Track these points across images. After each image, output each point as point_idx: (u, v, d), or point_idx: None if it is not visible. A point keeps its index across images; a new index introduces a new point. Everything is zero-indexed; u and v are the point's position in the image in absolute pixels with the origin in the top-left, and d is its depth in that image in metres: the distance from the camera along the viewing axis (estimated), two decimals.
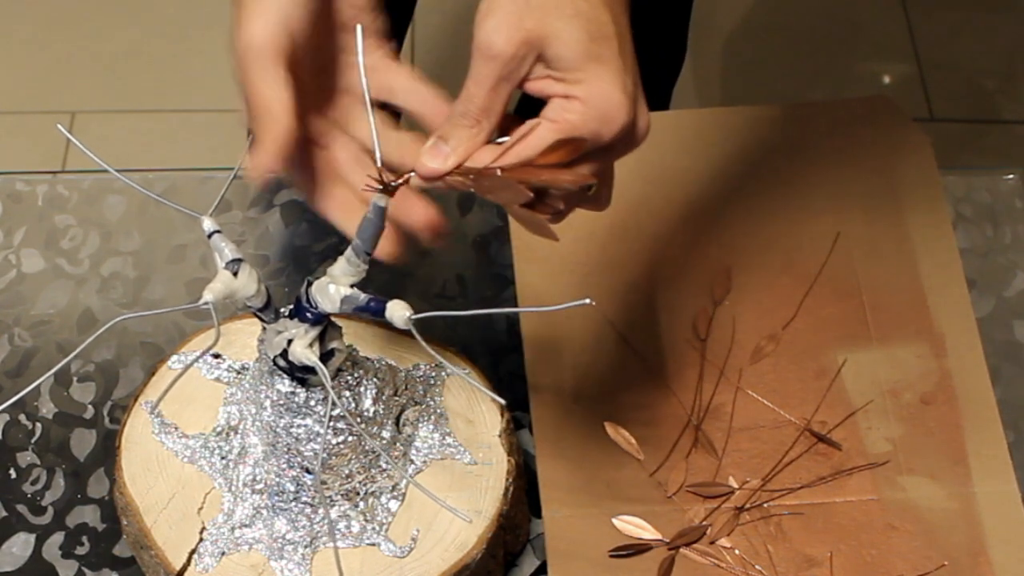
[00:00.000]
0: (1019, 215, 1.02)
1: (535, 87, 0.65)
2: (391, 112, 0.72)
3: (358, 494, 0.79)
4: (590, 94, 0.64)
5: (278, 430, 0.76)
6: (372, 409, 0.77)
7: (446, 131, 0.65)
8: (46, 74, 2.04)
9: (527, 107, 0.67)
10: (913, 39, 2.12)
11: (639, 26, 0.70)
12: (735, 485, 0.88)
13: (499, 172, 0.64)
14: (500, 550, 0.82)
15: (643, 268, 0.96)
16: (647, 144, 1.03)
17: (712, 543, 0.86)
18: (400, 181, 0.67)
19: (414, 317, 0.67)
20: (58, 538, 0.86)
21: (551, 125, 0.64)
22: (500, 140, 0.66)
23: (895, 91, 2.07)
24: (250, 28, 0.65)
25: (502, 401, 0.68)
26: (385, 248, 0.69)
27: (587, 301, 0.64)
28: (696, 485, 0.88)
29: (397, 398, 0.82)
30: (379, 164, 0.67)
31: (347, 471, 0.78)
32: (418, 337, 0.67)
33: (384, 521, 0.80)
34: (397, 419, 0.82)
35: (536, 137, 0.64)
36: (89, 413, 0.91)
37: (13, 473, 0.88)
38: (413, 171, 0.66)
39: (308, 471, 0.77)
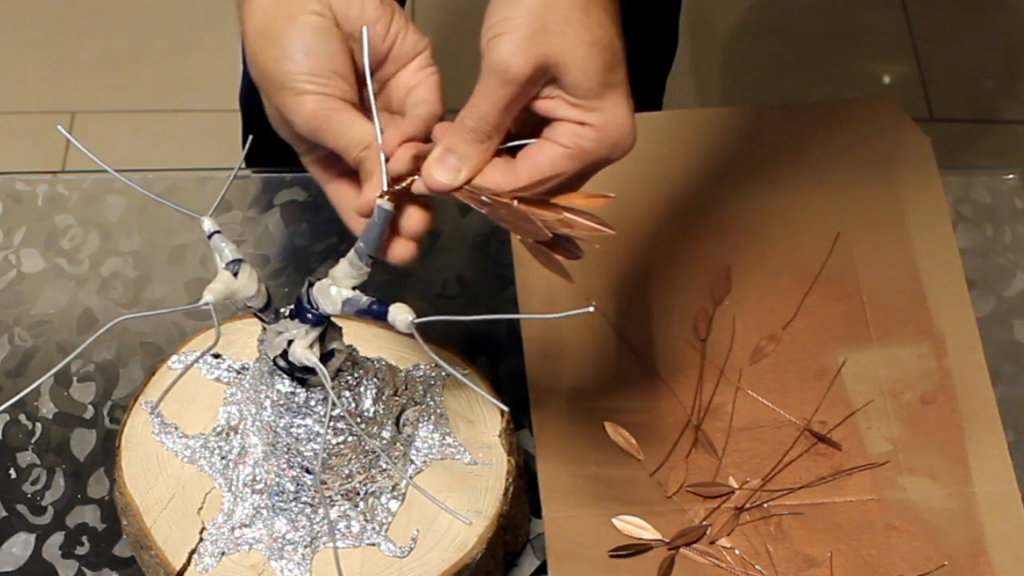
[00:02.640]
0: (1019, 215, 1.02)
1: (544, 107, 0.65)
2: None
3: (358, 494, 0.79)
4: (605, 122, 0.64)
5: (278, 430, 0.76)
6: (372, 409, 0.77)
7: (454, 143, 0.65)
8: (46, 74, 2.03)
9: None
10: (913, 39, 2.11)
11: (630, 19, 0.70)
12: (735, 485, 0.88)
13: (515, 203, 0.64)
14: (500, 550, 0.82)
15: (643, 268, 0.96)
16: (647, 144, 1.03)
17: (712, 543, 0.86)
18: (403, 185, 0.67)
19: (417, 321, 0.67)
20: (58, 538, 0.86)
21: (564, 151, 0.64)
22: (507, 144, 0.66)
23: (895, 91, 2.07)
24: (299, 103, 0.67)
25: (504, 407, 0.68)
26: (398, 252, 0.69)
27: (590, 309, 0.64)
28: (696, 485, 0.88)
29: (397, 398, 0.82)
30: (384, 171, 0.67)
31: (347, 471, 0.78)
32: (420, 342, 0.66)
33: (384, 521, 0.80)
34: (397, 419, 0.82)
35: (562, 178, 0.64)
36: (89, 413, 0.91)
37: (13, 473, 0.88)
38: (415, 176, 0.66)
39: (308, 471, 0.77)
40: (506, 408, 0.68)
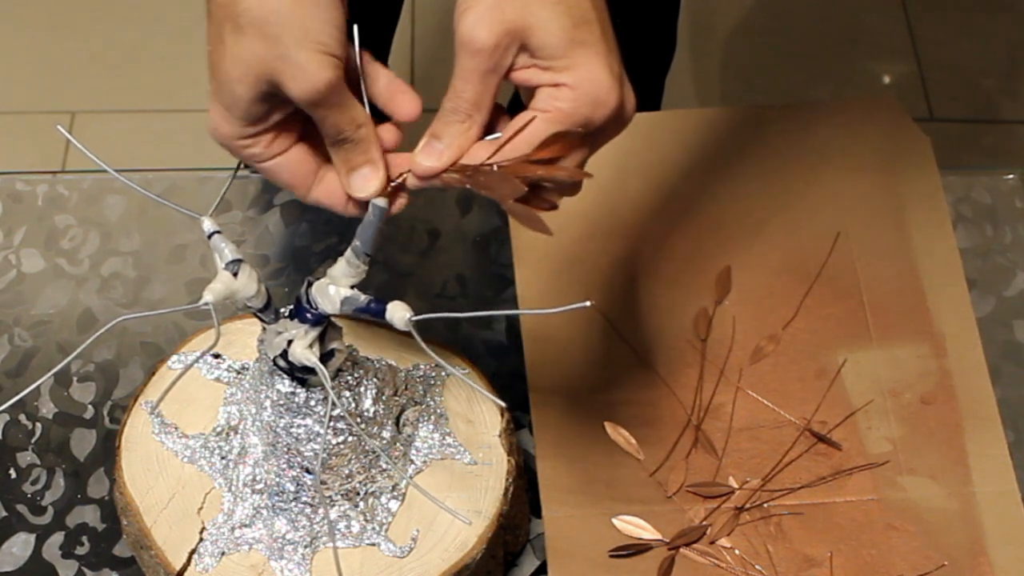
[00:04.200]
0: (1019, 215, 1.02)
1: (521, 77, 0.65)
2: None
3: (358, 494, 0.79)
4: (578, 80, 0.64)
5: (278, 430, 0.76)
6: (372, 409, 0.77)
7: (438, 128, 0.65)
8: (46, 74, 2.03)
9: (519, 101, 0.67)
10: (913, 39, 2.12)
11: (628, 19, 0.70)
12: (735, 485, 0.88)
13: (495, 168, 0.65)
14: (500, 550, 0.83)
15: (643, 268, 0.96)
16: (647, 144, 1.03)
17: (712, 543, 0.86)
18: (397, 181, 0.67)
19: (414, 319, 0.67)
20: (58, 538, 0.86)
21: (543, 115, 0.64)
22: (493, 136, 0.66)
23: (895, 91, 2.07)
24: (323, 63, 0.63)
25: (502, 404, 0.68)
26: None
27: (587, 304, 0.64)
28: (696, 485, 0.88)
29: (397, 398, 0.82)
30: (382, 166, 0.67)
31: (347, 471, 0.78)
32: (418, 339, 0.67)
33: (384, 521, 0.80)
34: (397, 419, 0.82)
35: (530, 131, 0.64)
36: (89, 413, 0.91)
37: (13, 473, 0.88)
38: (409, 170, 0.67)
39: (308, 471, 0.77)
40: (504, 405, 0.68)
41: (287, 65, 0.63)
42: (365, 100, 0.68)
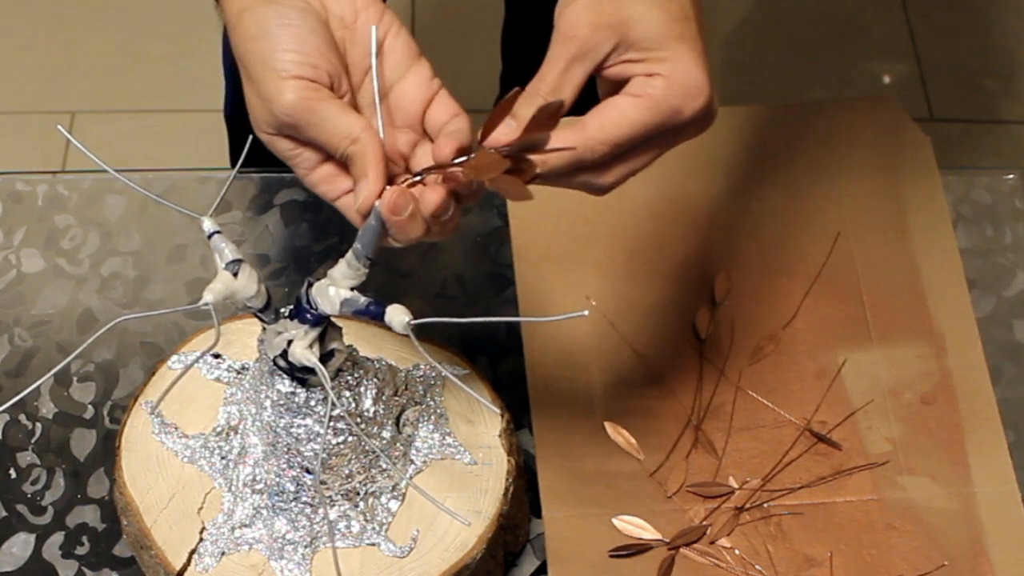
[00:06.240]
0: (1019, 215, 1.02)
1: (615, 72, 0.66)
2: None
3: (358, 494, 0.79)
4: (673, 71, 0.65)
5: (278, 430, 0.76)
6: (372, 409, 0.77)
7: (516, 109, 0.66)
8: (46, 74, 2.04)
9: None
10: (913, 39, 2.12)
11: None
12: (735, 485, 0.88)
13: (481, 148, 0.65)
14: (500, 550, 0.83)
15: (643, 268, 0.96)
16: None
17: (712, 543, 0.86)
18: (410, 182, 0.67)
19: (413, 322, 0.67)
20: (58, 538, 0.86)
21: (634, 100, 0.65)
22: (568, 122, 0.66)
23: (895, 91, 2.07)
24: (283, 88, 0.65)
25: (496, 410, 0.68)
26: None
27: (585, 312, 0.64)
28: (696, 485, 0.88)
29: (397, 398, 0.82)
30: (380, 170, 0.67)
31: (347, 471, 0.78)
32: (416, 344, 0.66)
33: (384, 521, 0.80)
34: (397, 419, 0.82)
35: (619, 112, 0.64)
36: (89, 413, 0.91)
37: (13, 473, 0.88)
38: (415, 177, 0.67)
39: (308, 471, 0.77)
40: (498, 411, 0.68)
41: (262, 98, 0.66)
42: (378, 106, 0.68)
